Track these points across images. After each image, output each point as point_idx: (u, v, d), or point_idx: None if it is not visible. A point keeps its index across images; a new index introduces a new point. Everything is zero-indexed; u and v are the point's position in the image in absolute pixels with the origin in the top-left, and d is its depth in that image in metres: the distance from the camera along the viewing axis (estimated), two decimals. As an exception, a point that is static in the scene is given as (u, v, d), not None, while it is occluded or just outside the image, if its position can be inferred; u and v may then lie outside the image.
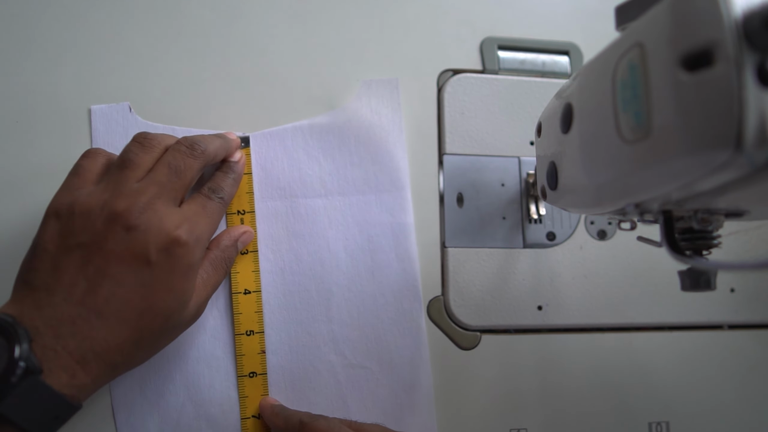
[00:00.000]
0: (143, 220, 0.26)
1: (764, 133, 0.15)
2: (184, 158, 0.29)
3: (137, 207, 0.26)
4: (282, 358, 0.34)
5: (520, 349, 0.36)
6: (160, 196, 0.27)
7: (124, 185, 0.27)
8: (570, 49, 0.41)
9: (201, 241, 0.28)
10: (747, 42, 0.15)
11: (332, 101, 0.38)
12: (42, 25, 0.36)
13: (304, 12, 0.39)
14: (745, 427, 0.37)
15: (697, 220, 0.22)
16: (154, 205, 0.26)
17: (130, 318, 0.25)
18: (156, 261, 0.26)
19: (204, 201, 0.30)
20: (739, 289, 0.38)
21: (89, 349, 0.24)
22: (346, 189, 0.36)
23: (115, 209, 0.26)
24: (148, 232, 0.26)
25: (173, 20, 0.37)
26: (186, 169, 0.28)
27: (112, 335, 0.25)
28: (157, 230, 0.26)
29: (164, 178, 0.27)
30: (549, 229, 0.38)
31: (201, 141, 0.30)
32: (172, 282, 0.26)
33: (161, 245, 0.26)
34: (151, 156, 0.28)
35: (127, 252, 0.25)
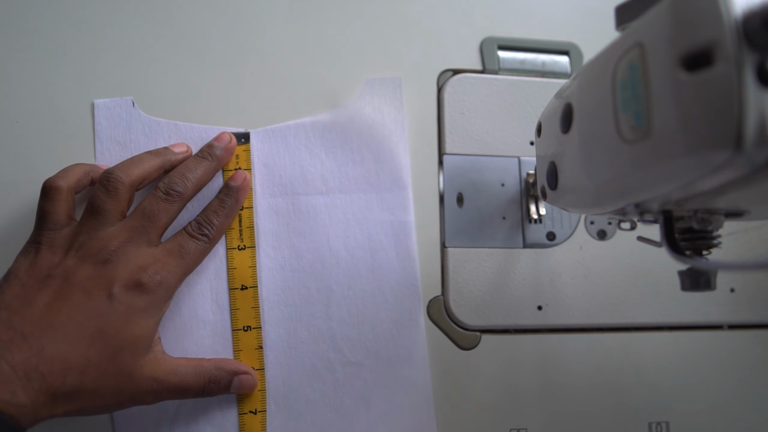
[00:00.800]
0: (113, 259, 0.28)
1: (764, 133, 0.15)
2: (159, 203, 0.30)
3: (108, 249, 0.28)
4: (280, 355, 0.34)
5: (520, 349, 0.36)
6: (130, 240, 0.29)
7: (98, 229, 0.29)
8: (570, 49, 0.41)
9: (165, 284, 0.29)
10: (747, 42, 0.15)
11: (333, 100, 0.38)
12: (43, 21, 0.36)
13: (305, 11, 0.39)
14: (745, 427, 0.37)
15: (697, 220, 0.22)
16: (124, 248, 0.28)
17: (81, 342, 0.26)
18: (117, 295, 0.27)
19: (183, 241, 0.31)
20: (739, 289, 0.38)
21: (34, 367, 0.24)
22: (348, 187, 0.36)
23: (88, 250, 0.28)
24: (115, 270, 0.28)
25: (177, 16, 0.37)
26: (159, 213, 0.30)
27: (59, 355, 0.25)
28: (123, 270, 0.28)
29: (137, 223, 0.29)
30: (549, 229, 0.38)
31: (179, 182, 0.31)
32: (129, 317, 0.27)
33: (124, 283, 0.27)
34: (117, 201, 0.30)
35: (91, 283, 0.27)
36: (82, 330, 0.26)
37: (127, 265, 0.28)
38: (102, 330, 0.26)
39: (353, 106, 0.37)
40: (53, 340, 0.25)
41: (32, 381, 0.24)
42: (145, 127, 0.35)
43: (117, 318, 0.27)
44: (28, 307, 0.26)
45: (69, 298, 0.26)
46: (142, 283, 0.28)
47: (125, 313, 0.27)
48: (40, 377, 0.24)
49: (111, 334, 0.27)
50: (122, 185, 0.30)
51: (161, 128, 0.35)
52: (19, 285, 0.27)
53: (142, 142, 0.35)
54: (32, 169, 0.34)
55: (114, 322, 0.27)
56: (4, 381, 0.23)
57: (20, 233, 0.33)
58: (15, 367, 0.24)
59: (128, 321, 0.27)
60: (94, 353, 0.26)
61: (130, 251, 0.28)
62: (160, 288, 0.28)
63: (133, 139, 0.35)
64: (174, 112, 0.36)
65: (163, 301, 0.29)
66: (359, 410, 0.34)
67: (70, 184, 0.30)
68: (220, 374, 0.31)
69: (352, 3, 0.39)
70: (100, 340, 0.26)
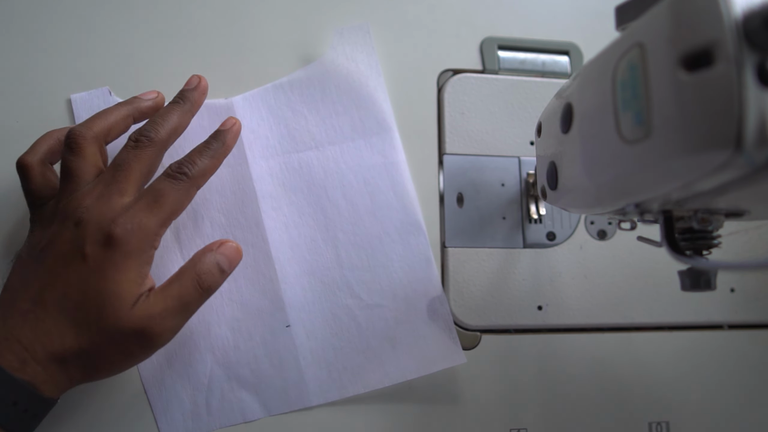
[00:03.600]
0: (85, 217, 0.27)
1: (764, 133, 0.15)
2: (128, 152, 0.29)
3: (81, 206, 0.27)
4: (300, 311, 0.34)
5: (520, 349, 0.36)
6: (102, 195, 0.28)
7: (70, 192, 0.28)
8: (570, 49, 0.41)
9: (140, 229, 0.27)
10: (747, 42, 0.15)
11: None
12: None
13: (303, 11, 0.39)
14: (745, 426, 0.37)
15: (697, 220, 0.22)
16: (96, 203, 0.27)
17: (70, 312, 0.26)
18: (90, 254, 0.26)
19: (159, 183, 0.28)
20: (739, 289, 0.38)
21: (36, 340, 0.26)
22: (335, 138, 0.36)
23: (65, 213, 0.28)
24: (86, 228, 0.27)
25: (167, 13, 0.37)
26: (130, 161, 0.28)
27: (55, 328, 0.26)
28: (94, 225, 0.27)
29: (108, 177, 0.28)
30: (549, 229, 0.38)
31: (149, 128, 0.29)
32: (105, 273, 0.26)
33: (95, 239, 0.27)
34: (83, 159, 0.29)
35: (68, 249, 0.27)
36: (67, 298, 0.26)
37: (96, 221, 0.27)
38: (84, 292, 0.26)
39: (327, 59, 0.37)
40: (46, 313, 0.26)
41: (38, 353, 0.25)
42: None
43: (93, 277, 0.26)
44: (27, 285, 0.27)
45: (54, 269, 0.27)
46: (113, 236, 0.26)
47: (99, 270, 0.26)
48: (43, 348, 0.26)
49: (92, 296, 0.26)
50: (84, 140, 0.29)
51: None
52: (21, 265, 0.28)
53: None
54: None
55: (91, 282, 0.26)
56: (14, 352, 0.25)
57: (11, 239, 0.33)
58: (20, 341, 0.25)
59: (104, 278, 0.26)
60: (82, 317, 0.26)
61: (102, 206, 0.27)
62: (133, 237, 0.27)
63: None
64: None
65: (139, 251, 0.27)
66: (386, 349, 0.34)
67: (40, 156, 0.30)
68: (202, 265, 0.29)
69: (353, 3, 0.39)
70: (84, 304, 0.26)
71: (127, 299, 0.26)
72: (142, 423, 0.32)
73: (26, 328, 0.26)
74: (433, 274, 0.35)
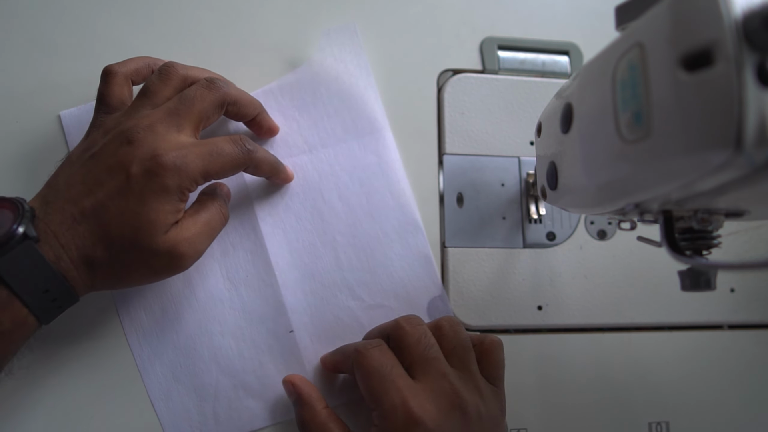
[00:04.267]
0: (139, 137, 0.28)
1: (764, 133, 0.15)
2: (198, 89, 0.30)
3: (139, 127, 0.28)
4: (303, 315, 0.34)
5: (520, 349, 0.36)
6: (163, 120, 0.28)
7: (137, 111, 0.29)
8: (570, 49, 0.41)
9: (185, 170, 0.28)
10: (747, 42, 0.15)
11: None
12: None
13: (303, 12, 0.39)
14: (745, 426, 0.37)
15: (697, 220, 0.22)
16: (154, 127, 0.28)
17: (104, 222, 0.27)
18: (134, 174, 0.27)
19: (221, 140, 0.30)
20: (739, 289, 0.38)
21: (72, 241, 0.27)
22: (328, 140, 0.36)
23: (123, 128, 0.28)
24: (138, 149, 0.27)
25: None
26: (196, 98, 0.29)
27: (90, 235, 0.27)
28: (146, 148, 0.27)
29: (173, 105, 0.29)
30: (549, 229, 0.38)
31: (223, 80, 0.31)
32: (143, 197, 0.27)
33: (143, 162, 0.27)
34: (167, 86, 0.30)
35: (116, 162, 0.28)
36: (105, 209, 0.27)
37: (149, 145, 0.28)
38: (120, 209, 0.27)
39: (315, 61, 0.37)
40: (84, 217, 0.27)
41: (71, 251, 0.27)
42: None
43: (132, 198, 0.27)
44: (70, 186, 0.28)
45: (98, 178, 0.28)
46: (159, 165, 0.27)
47: (139, 193, 0.27)
48: (75, 248, 0.27)
49: (128, 216, 0.27)
50: (177, 75, 0.31)
51: None
52: (68, 168, 0.29)
53: None
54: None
55: (130, 202, 0.27)
56: (52, 246, 0.26)
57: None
58: (58, 237, 0.27)
59: (142, 203, 0.27)
60: (115, 231, 0.27)
61: (158, 132, 0.28)
62: (175, 174, 0.27)
63: None
64: None
65: (178, 189, 0.28)
66: None
67: (127, 70, 0.32)
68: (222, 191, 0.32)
69: (352, 3, 0.39)
70: (119, 219, 0.27)
71: (160, 227, 0.28)
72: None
73: (65, 227, 0.27)
74: (433, 273, 0.35)
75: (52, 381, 0.32)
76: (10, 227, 0.25)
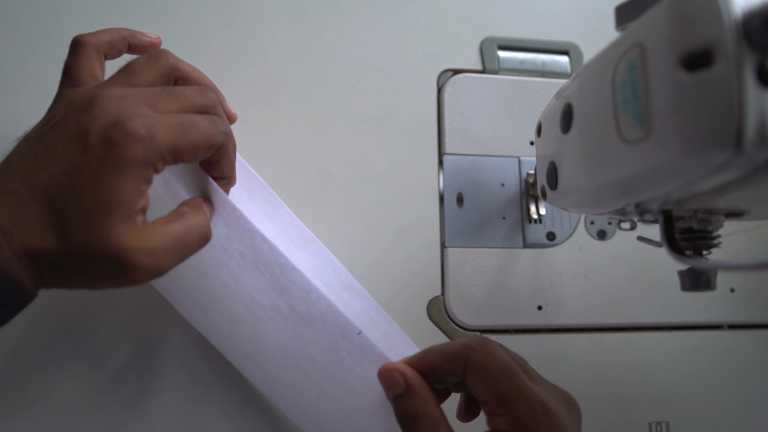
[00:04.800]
0: (104, 104, 0.23)
1: (764, 133, 0.15)
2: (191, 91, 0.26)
3: (107, 93, 0.24)
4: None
5: (520, 349, 0.36)
6: (139, 97, 0.24)
7: (111, 84, 0.25)
8: (570, 49, 0.41)
9: (150, 139, 0.23)
10: (747, 42, 0.15)
11: (333, 101, 0.38)
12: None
13: (304, 12, 0.39)
14: (745, 426, 0.37)
15: (697, 220, 0.22)
16: (125, 98, 0.24)
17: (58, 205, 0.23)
18: (92, 145, 0.23)
19: (194, 115, 0.25)
20: (739, 289, 0.38)
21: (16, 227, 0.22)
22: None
23: (88, 95, 0.24)
24: (99, 116, 0.23)
25: (176, 22, 0.38)
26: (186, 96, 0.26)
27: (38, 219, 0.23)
28: (108, 116, 0.23)
29: (158, 90, 0.25)
30: (549, 229, 0.38)
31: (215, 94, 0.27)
32: (102, 173, 0.23)
33: (103, 130, 0.23)
34: (154, 70, 0.26)
35: (74, 131, 0.23)
36: (58, 188, 0.23)
37: (113, 112, 0.23)
38: (75, 186, 0.23)
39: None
40: (33, 200, 0.23)
41: (14, 240, 0.22)
42: None
43: (89, 173, 0.23)
44: (22, 164, 0.23)
45: (52, 150, 0.23)
46: (120, 132, 0.23)
47: (98, 167, 0.23)
48: (19, 236, 0.22)
49: (84, 193, 0.23)
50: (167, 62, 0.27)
51: None
52: (25, 141, 0.24)
53: None
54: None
55: (86, 178, 0.23)
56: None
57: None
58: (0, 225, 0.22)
59: (100, 178, 0.23)
60: (69, 214, 0.23)
61: (127, 104, 0.24)
62: (139, 144, 0.23)
63: None
64: None
65: (143, 164, 0.23)
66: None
67: (99, 42, 0.28)
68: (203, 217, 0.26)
69: (352, 3, 0.39)
70: (74, 198, 0.23)
71: (119, 210, 0.23)
72: None
73: (10, 209, 0.22)
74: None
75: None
76: None
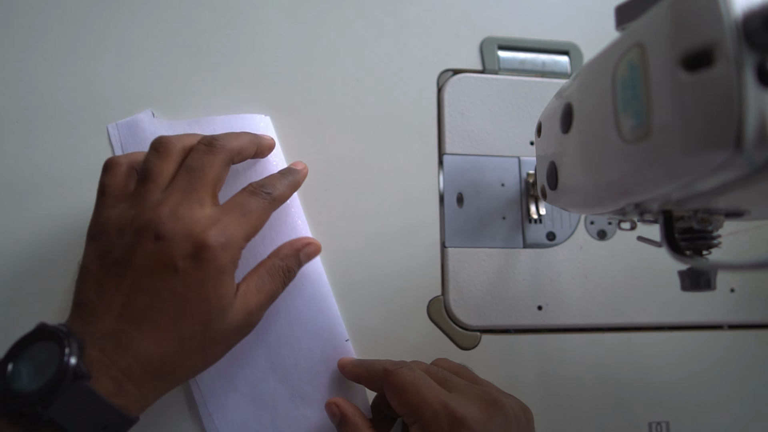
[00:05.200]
0: (167, 229, 0.26)
1: (764, 133, 0.15)
2: (202, 156, 0.28)
3: (161, 217, 0.26)
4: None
5: (520, 349, 0.36)
6: (182, 201, 0.27)
7: (147, 198, 0.27)
8: (570, 49, 0.41)
9: (231, 242, 0.27)
10: (747, 42, 0.15)
11: (333, 101, 0.38)
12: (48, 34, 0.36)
13: (304, 12, 0.39)
14: (745, 426, 0.37)
15: (697, 220, 0.22)
16: (177, 212, 0.26)
17: (167, 327, 0.26)
18: (183, 268, 0.26)
19: (243, 198, 0.29)
20: (739, 289, 0.38)
21: (133, 360, 0.25)
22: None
23: (141, 223, 0.26)
24: (173, 240, 0.26)
25: (176, 18, 0.38)
26: (205, 166, 0.28)
27: (153, 346, 0.25)
28: (182, 237, 0.26)
29: (184, 182, 0.27)
30: (549, 229, 0.38)
31: (221, 137, 0.29)
32: (203, 288, 0.26)
33: (187, 252, 0.26)
34: (168, 162, 0.28)
35: (155, 263, 0.26)
36: (163, 314, 0.25)
37: (184, 233, 0.26)
38: (181, 308, 0.26)
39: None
40: (141, 331, 0.25)
41: (134, 373, 0.24)
42: (169, 132, 0.35)
43: (191, 292, 0.26)
44: (107, 303, 0.26)
45: (140, 284, 0.26)
46: (206, 248, 0.26)
47: (196, 283, 0.26)
48: (141, 368, 0.25)
49: (193, 311, 0.26)
50: (174, 147, 0.29)
51: (182, 128, 0.35)
52: (93, 281, 0.26)
53: None
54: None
55: (190, 297, 0.26)
56: (110, 377, 0.24)
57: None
58: (116, 364, 0.24)
59: (203, 291, 0.26)
60: (185, 331, 0.26)
61: (185, 216, 0.26)
62: (224, 251, 0.26)
63: None
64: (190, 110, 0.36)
65: (231, 263, 0.27)
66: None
67: (131, 160, 0.30)
68: (287, 261, 0.31)
69: (352, 3, 0.39)
70: (186, 318, 0.26)
71: (225, 307, 0.27)
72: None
73: (121, 348, 0.25)
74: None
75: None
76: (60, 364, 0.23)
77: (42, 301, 0.33)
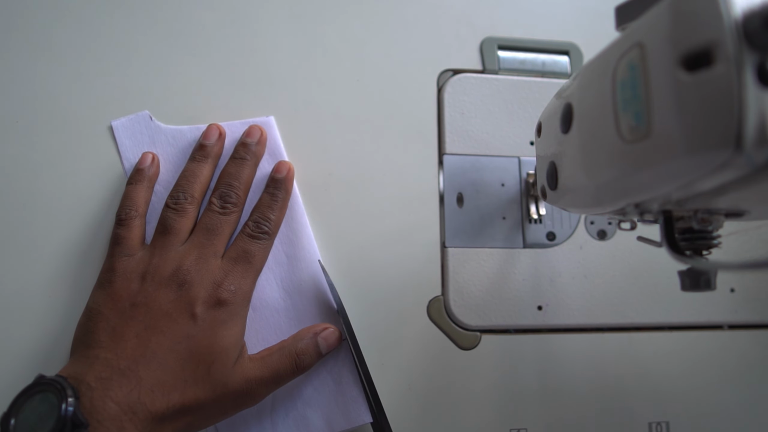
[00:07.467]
0: (188, 279, 0.29)
1: (764, 133, 0.15)
2: (218, 218, 0.32)
3: (183, 269, 0.30)
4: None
5: (520, 349, 0.36)
6: (200, 257, 0.30)
7: (169, 250, 0.31)
8: (570, 49, 0.41)
9: (241, 292, 0.30)
10: (747, 42, 0.15)
11: (333, 101, 0.38)
12: (56, 43, 0.36)
13: (304, 12, 0.39)
14: (745, 427, 0.37)
15: (697, 220, 0.22)
16: (197, 266, 0.30)
17: (175, 365, 0.27)
18: (200, 314, 0.29)
19: (245, 245, 0.32)
20: (739, 289, 0.38)
21: (137, 399, 0.26)
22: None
23: (164, 272, 0.30)
24: (192, 290, 0.29)
25: (177, 20, 0.38)
26: (221, 226, 0.32)
27: (158, 383, 0.26)
28: (201, 289, 0.29)
29: (203, 239, 0.31)
30: (549, 229, 0.38)
31: (230, 194, 0.33)
32: (215, 332, 0.29)
33: (204, 301, 0.29)
34: (186, 219, 0.32)
35: (174, 307, 0.29)
36: (173, 354, 0.27)
37: (203, 283, 0.29)
38: (192, 350, 0.28)
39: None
40: (149, 370, 0.27)
41: (137, 413, 0.25)
42: (168, 137, 0.35)
43: (204, 335, 0.28)
44: (119, 341, 0.27)
45: (156, 326, 0.28)
46: (221, 299, 0.29)
47: (210, 329, 0.28)
48: (143, 407, 0.26)
49: (202, 352, 0.28)
50: (189, 205, 0.32)
51: (184, 134, 0.35)
52: (105, 321, 0.28)
53: (169, 152, 0.35)
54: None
55: (202, 340, 0.28)
56: (112, 418, 0.25)
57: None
58: (119, 403, 0.25)
59: (215, 335, 0.28)
60: (189, 373, 0.27)
61: (202, 268, 0.30)
62: (237, 297, 0.30)
63: (160, 151, 0.35)
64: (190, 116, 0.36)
65: (242, 309, 0.30)
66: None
67: (141, 211, 0.33)
68: (303, 344, 0.32)
69: (352, 3, 0.39)
70: (193, 360, 0.28)
71: (232, 354, 0.29)
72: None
73: (127, 388, 0.26)
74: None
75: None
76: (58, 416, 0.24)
77: (42, 302, 0.33)
